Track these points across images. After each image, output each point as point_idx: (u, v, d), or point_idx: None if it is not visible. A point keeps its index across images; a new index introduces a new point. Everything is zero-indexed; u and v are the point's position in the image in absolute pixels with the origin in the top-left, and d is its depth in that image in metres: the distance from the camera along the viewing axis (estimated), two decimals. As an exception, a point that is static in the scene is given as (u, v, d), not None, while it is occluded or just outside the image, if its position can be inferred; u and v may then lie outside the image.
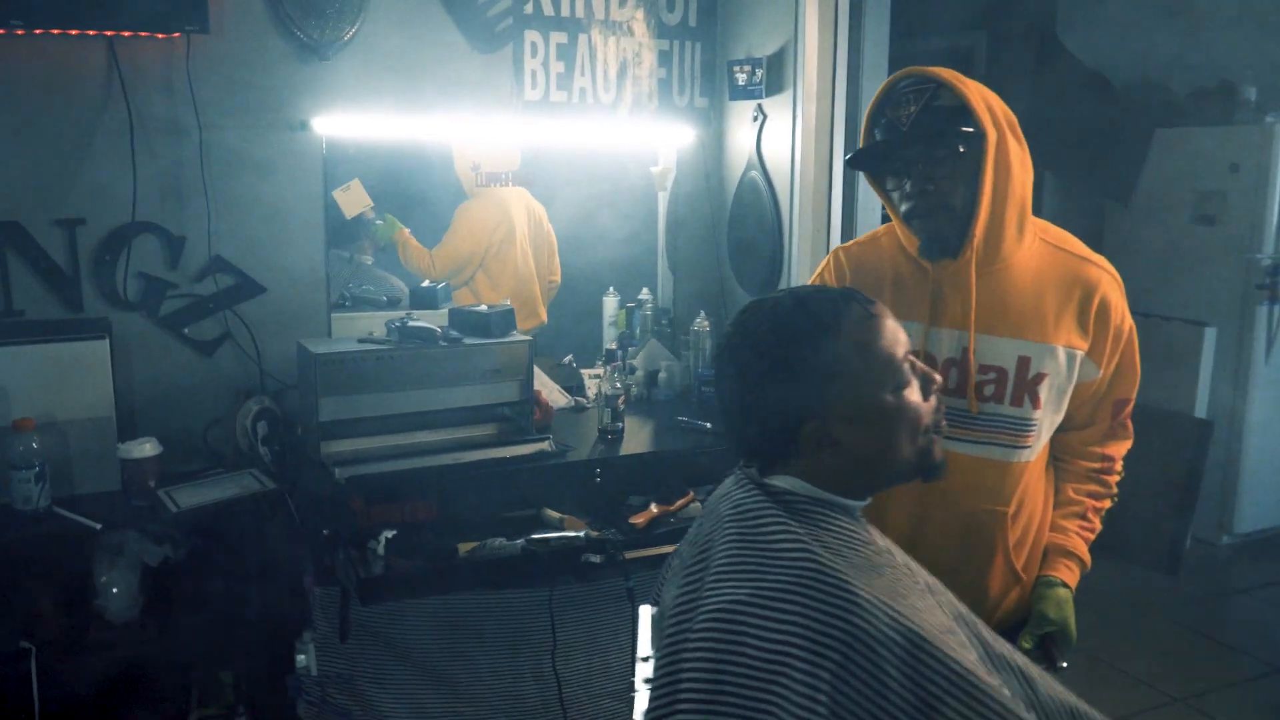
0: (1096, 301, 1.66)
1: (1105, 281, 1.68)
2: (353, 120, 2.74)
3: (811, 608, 1.11)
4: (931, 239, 1.65)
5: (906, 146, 1.61)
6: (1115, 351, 1.71)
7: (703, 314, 3.06)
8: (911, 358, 1.32)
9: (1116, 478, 1.82)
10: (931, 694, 1.08)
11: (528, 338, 2.63)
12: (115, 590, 2.44)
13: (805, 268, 2.84)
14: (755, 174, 2.99)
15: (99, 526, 2.32)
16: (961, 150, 1.58)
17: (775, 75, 2.89)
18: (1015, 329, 1.66)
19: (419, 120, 2.82)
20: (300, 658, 2.34)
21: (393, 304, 3.11)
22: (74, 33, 2.44)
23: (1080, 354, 1.67)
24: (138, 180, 2.56)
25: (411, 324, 2.51)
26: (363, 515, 2.31)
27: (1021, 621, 1.74)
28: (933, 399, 1.32)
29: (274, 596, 2.48)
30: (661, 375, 3.06)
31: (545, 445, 2.53)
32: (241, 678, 2.60)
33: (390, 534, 2.27)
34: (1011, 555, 1.73)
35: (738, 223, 3.14)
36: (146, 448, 2.45)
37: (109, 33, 2.47)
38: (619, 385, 2.68)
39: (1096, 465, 1.80)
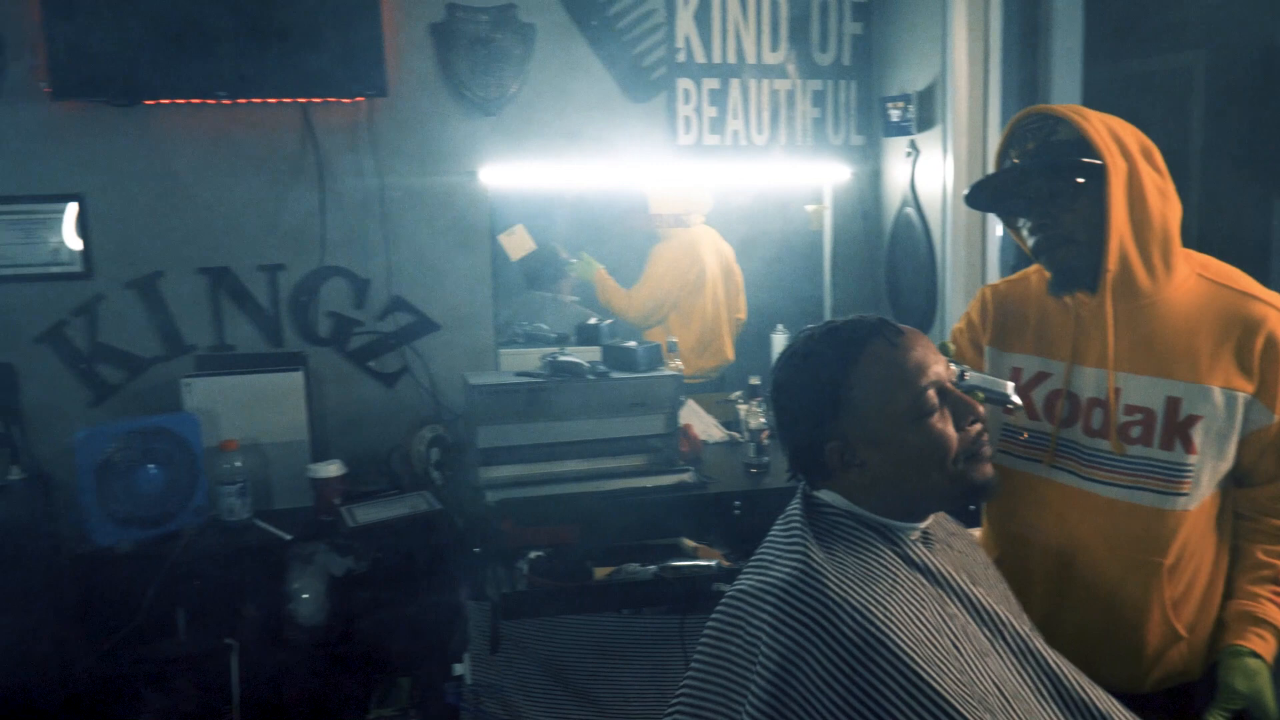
0: (1261, 339, 1.55)
1: (1273, 318, 1.56)
2: (515, 169, 2.97)
3: (787, 601, 1.25)
4: (1059, 274, 1.64)
5: (1023, 182, 1.61)
6: None
7: None
8: (948, 387, 1.37)
9: None
10: (878, 694, 1.19)
11: (672, 372, 2.76)
12: (305, 596, 2.73)
13: (958, 304, 2.83)
14: (910, 210, 3.01)
15: (290, 538, 2.62)
16: (1081, 182, 1.55)
17: (926, 110, 2.91)
18: (1163, 368, 1.59)
19: (576, 167, 3.01)
20: (457, 666, 2.54)
21: (561, 340, 3.30)
22: (273, 101, 2.78)
23: (1244, 396, 1.56)
24: (327, 229, 2.88)
25: (562, 359, 2.69)
26: (511, 536, 2.50)
27: (1184, 687, 1.66)
28: (974, 426, 1.36)
29: (442, 609, 2.71)
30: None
31: (686, 477, 2.64)
32: (416, 682, 2.84)
33: (535, 554, 2.46)
34: (1170, 611, 1.62)
35: (894, 259, 3.15)
36: (333, 468, 2.74)
37: (302, 100, 2.80)
38: (763, 420, 2.76)
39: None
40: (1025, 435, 1.74)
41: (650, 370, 2.74)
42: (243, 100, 2.77)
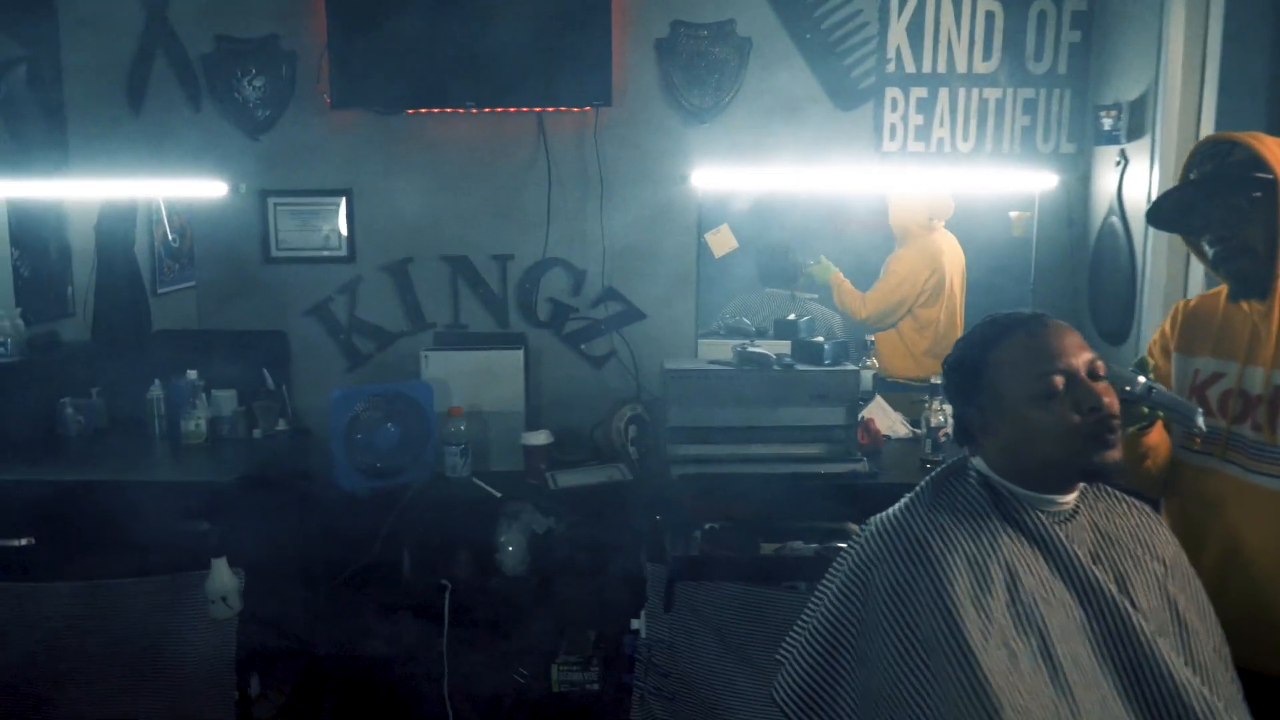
0: None
1: None
2: (724, 173, 3.17)
3: (879, 538, 1.57)
4: (1237, 282, 1.79)
5: (1201, 198, 1.78)
6: None
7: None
8: (1081, 377, 1.52)
9: None
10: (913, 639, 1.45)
11: (854, 368, 2.88)
12: (510, 549, 3.06)
13: (1156, 316, 2.77)
14: (1115, 220, 2.97)
15: (500, 495, 2.95)
16: (1257, 195, 1.70)
17: (1137, 119, 2.86)
18: None
19: (781, 172, 3.18)
20: (634, 622, 2.78)
21: (761, 334, 3.48)
22: (512, 110, 3.14)
23: None
24: (552, 224, 3.20)
25: (751, 350, 2.87)
26: (691, 508, 2.73)
27: None
28: (1095, 414, 1.49)
29: (628, 570, 2.96)
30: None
31: (859, 466, 2.77)
32: (601, 635, 3.11)
33: (710, 526, 2.67)
34: None
35: (1097, 268, 3.11)
36: (541, 437, 3.05)
37: (537, 109, 3.14)
38: (942, 418, 2.83)
39: None
40: (1199, 442, 1.85)
41: (834, 365, 2.88)
42: (487, 110, 3.14)
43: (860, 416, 3.00)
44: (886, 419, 3.13)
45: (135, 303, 3.60)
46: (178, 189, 3.30)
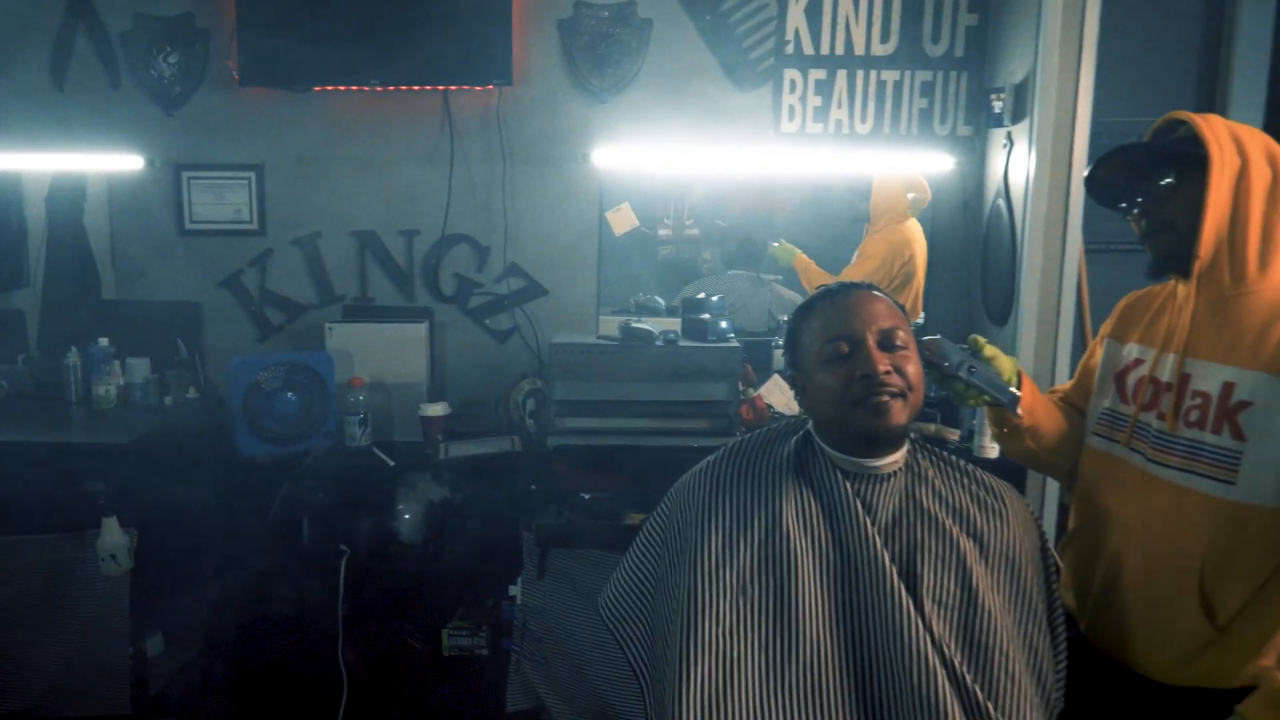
0: None
1: None
2: (624, 152, 3.22)
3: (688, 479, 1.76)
4: (1156, 259, 1.73)
5: (1134, 170, 1.71)
6: None
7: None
8: (867, 344, 1.61)
9: None
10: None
11: (735, 344, 2.93)
12: (407, 516, 3.12)
13: (1034, 300, 2.82)
14: (1001, 202, 3.00)
15: (393, 464, 3.03)
16: (1183, 174, 1.64)
17: (1021, 102, 2.90)
18: (1226, 355, 1.63)
19: (681, 151, 3.22)
20: (511, 588, 2.86)
21: (671, 312, 3.53)
22: (417, 88, 3.20)
23: None
24: (456, 201, 3.27)
25: (634, 325, 2.93)
26: (564, 478, 2.80)
27: (1207, 694, 1.62)
28: (863, 380, 1.59)
29: (513, 538, 3.03)
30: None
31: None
32: (496, 601, 3.18)
33: (584, 496, 2.74)
34: (1206, 607, 1.61)
35: (986, 249, 3.15)
36: (438, 408, 3.11)
37: (441, 87, 3.20)
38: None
39: None
40: (1129, 438, 1.77)
41: (717, 342, 2.94)
42: (392, 88, 3.21)
43: (751, 393, 3.06)
44: (783, 395, 3.18)
45: (84, 272, 3.70)
46: (98, 163, 3.37)
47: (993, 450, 2.75)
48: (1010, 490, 1.73)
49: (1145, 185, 1.69)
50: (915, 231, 3.48)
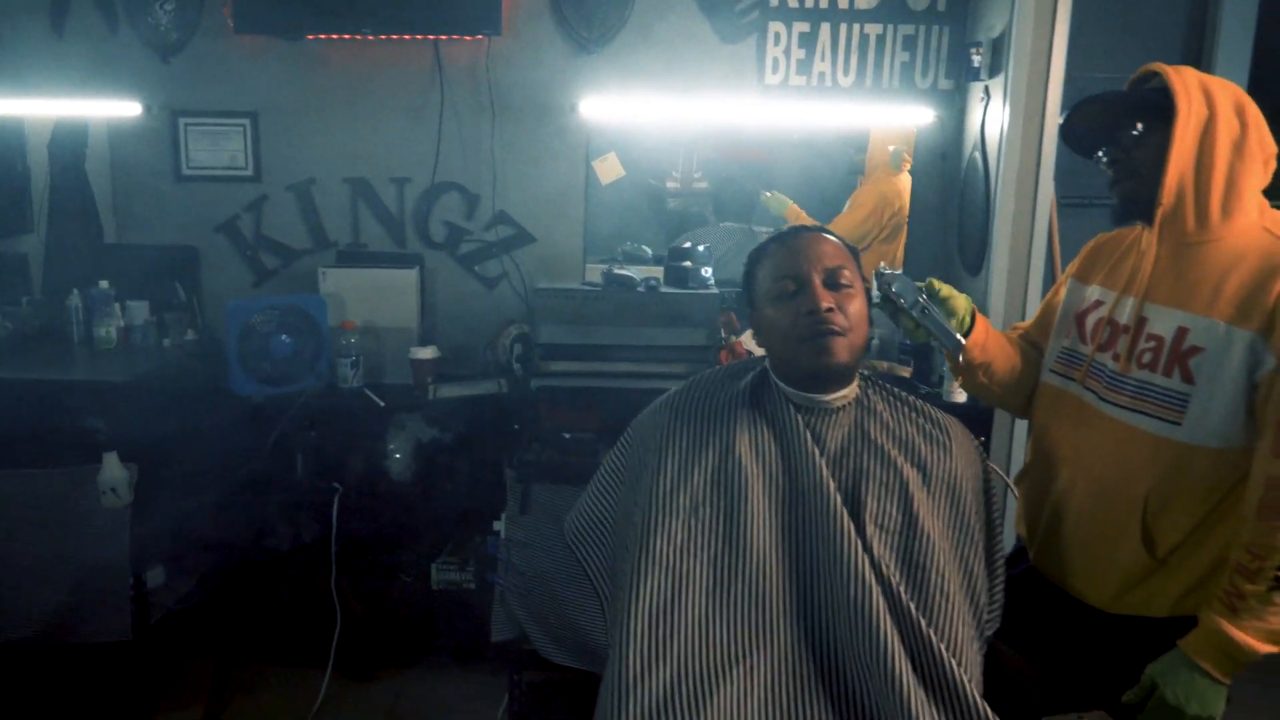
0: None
1: None
2: (612, 103, 3.28)
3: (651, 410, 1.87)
4: (1121, 204, 1.77)
5: (1105, 117, 1.76)
6: None
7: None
8: (813, 283, 1.70)
9: None
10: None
11: (715, 291, 3.02)
12: (398, 456, 3.24)
13: (1005, 251, 2.89)
14: (977, 154, 3.07)
15: (383, 404, 3.12)
16: (1150, 123, 1.68)
17: (998, 57, 2.95)
18: (1183, 301, 1.68)
19: (666, 103, 3.28)
20: (495, 523, 2.97)
21: (658, 261, 3.61)
22: (408, 37, 3.26)
23: (1247, 333, 1.58)
24: (447, 149, 3.34)
25: (617, 272, 3.02)
26: (546, 418, 2.90)
27: (1152, 620, 1.71)
28: (814, 315, 1.68)
29: (498, 476, 3.14)
30: (875, 343, 3.26)
31: (711, 383, 2.91)
32: (480, 537, 3.30)
33: (566, 435, 2.84)
34: (1146, 539, 1.69)
35: (964, 201, 3.22)
36: (427, 352, 3.21)
37: (431, 37, 3.26)
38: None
39: (1257, 498, 1.58)
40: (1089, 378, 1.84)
41: (697, 288, 3.02)
42: (384, 36, 3.27)
43: (732, 339, 3.15)
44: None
45: (86, 216, 3.78)
46: (97, 109, 3.44)
47: (960, 395, 2.85)
48: (956, 424, 1.83)
49: (1116, 134, 1.75)
50: (906, 184, 3.54)
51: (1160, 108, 1.67)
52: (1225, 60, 3.61)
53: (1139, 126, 1.70)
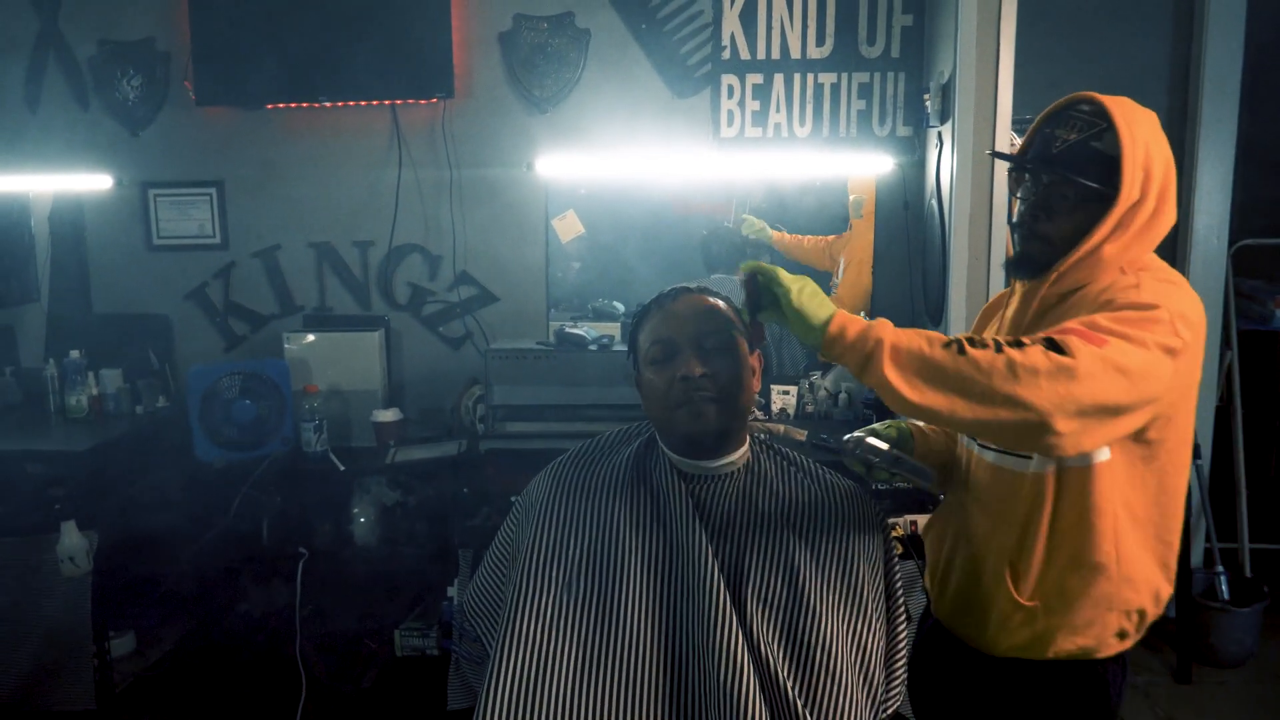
0: (1108, 289, 1.56)
1: (1120, 284, 1.55)
2: (567, 161, 3.29)
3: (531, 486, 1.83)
4: (1021, 260, 1.69)
5: (1044, 168, 1.63)
6: (1108, 304, 1.53)
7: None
8: (684, 349, 1.64)
9: (988, 356, 1.40)
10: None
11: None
12: (362, 519, 3.23)
13: (961, 298, 2.83)
14: (934, 201, 3.02)
15: (343, 468, 3.12)
16: (1086, 201, 1.59)
17: (948, 103, 2.91)
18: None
19: (623, 159, 3.28)
20: (449, 589, 2.94)
21: (628, 316, 3.58)
22: (364, 104, 3.30)
23: None
24: (406, 211, 3.38)
25: (569, 330, 3.00)
26: (494, 481, 2.87)
27: (1031, 663, 1.68)
28: (687, 381, 1.62)
29: (454, 540, 3.12)
30: (842, 396, 3.20)
31: (663, 443, 2.87)
32: (440, 602, 3.27)
33: (514, 499, 2.80)
34: (1011, 578, 1.66)
35: (925, 249, 3.16)
36: (390, 414, 3.22)
37: (388, 102, 3.29)
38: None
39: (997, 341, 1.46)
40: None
41: (651, 345, 2.99)
42: (341, 103, 3.32)
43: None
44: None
45: (83, 286, 3.87)
46: (71, 183, 3.52)
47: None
48: (852, 491, 1.76)
49: (1045, 187, 1.63)
50: (864, 226, 3.46)
51: (1097, 194, 1.56)
52: (1212, 100, 3.54)
53: (1077, 194, 1.59)
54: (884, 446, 1.75)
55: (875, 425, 1.86)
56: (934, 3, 3.12)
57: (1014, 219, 1.68)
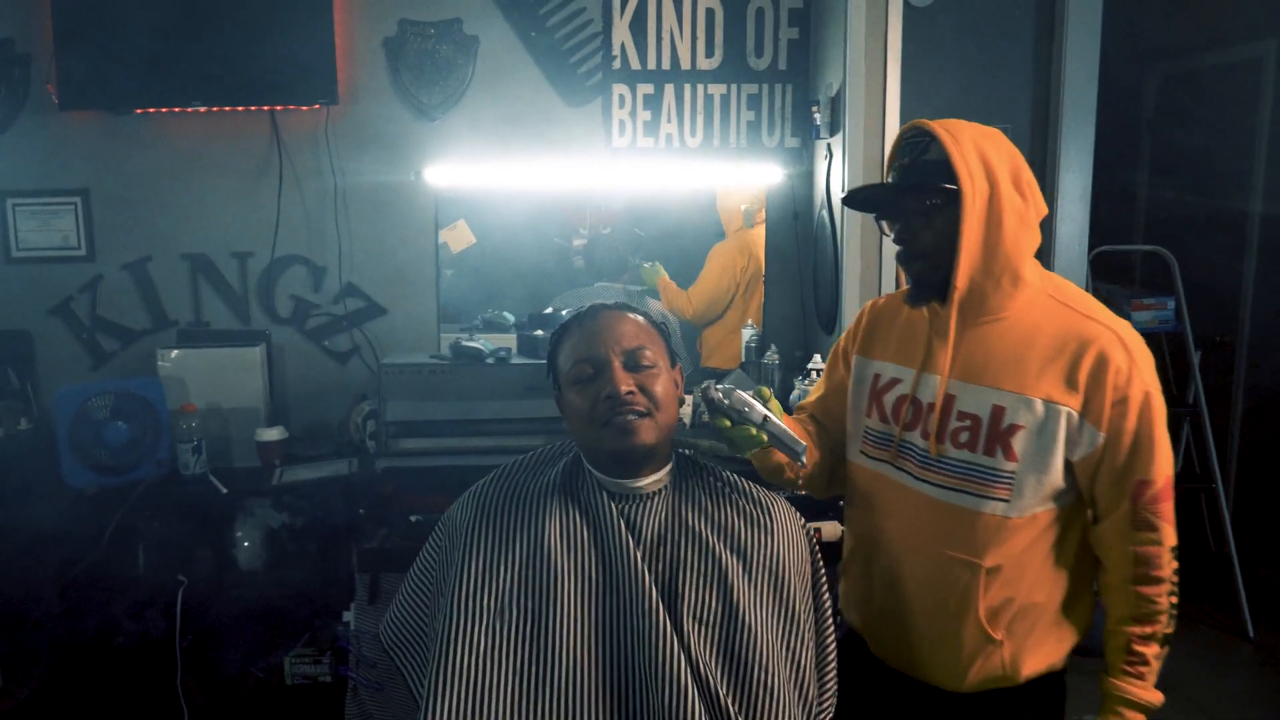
0: (1091, 357, 1.59)
1: (1105, 338, 1.60)
2: (459, 170, 3.23)
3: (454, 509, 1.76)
4: (914, 285, 1.73)
5: (891, 196, 1.70)
6: (1121, 418, 1.59)
7: (773, 348, 3.18)
8: (613, 366, 1.62)
9: (1167, 589, 1.62)
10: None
11: (566, 360, 2.95)
12: (246, 544, 3.10)
13: (854, 307, 2.89)
14: (824, 212, 3.08)
15: (225, 491, 2.99)
16: (936, 203, 1.63)
17: (837, 115, 2.97)
18: (994, 379, 1.66)
19: (515, 168, 3.24)
20: (345, 614, 2.84)
21: (519, 328, 3.54)
22: (241, 109, 3.17)
23: (1066, 411, 1.60)
24: (290, 221, 3.25)
25: (465, 344, 2.94)
26: (393, 501, 2.79)
27: (1006, 691, 1.71)
28: (612, 400, 1.60)
29: (349, 562, 3.02)
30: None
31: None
32: (335, 627, 3.17)
33: (415, 518, 2.73)
34: (983, 615, 1.67)
35: (815, 259, 3.23)
36: (274, 433, 3.10)
37: (266, 108, 3.17)
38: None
39: (1131, 573, 1.63)
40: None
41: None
42: (216, 109, 3.17)
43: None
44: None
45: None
46: (-83, 191, 3.28)
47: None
48: (779, 502, 1.77)
49: (900, 212, 1.68)
50: (759, 236, 3.52)
51: (941, 191, 1.62)
52: (1071, 106, 3.70)
53: (922, 213, 1.64)
54: (757, 405, 1.76)
55: (768, 391, 1.84)
56: (819, 16, 3.19)
57: (896, 257, 1.74)
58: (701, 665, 1.53)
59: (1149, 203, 4.93)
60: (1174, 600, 1.63)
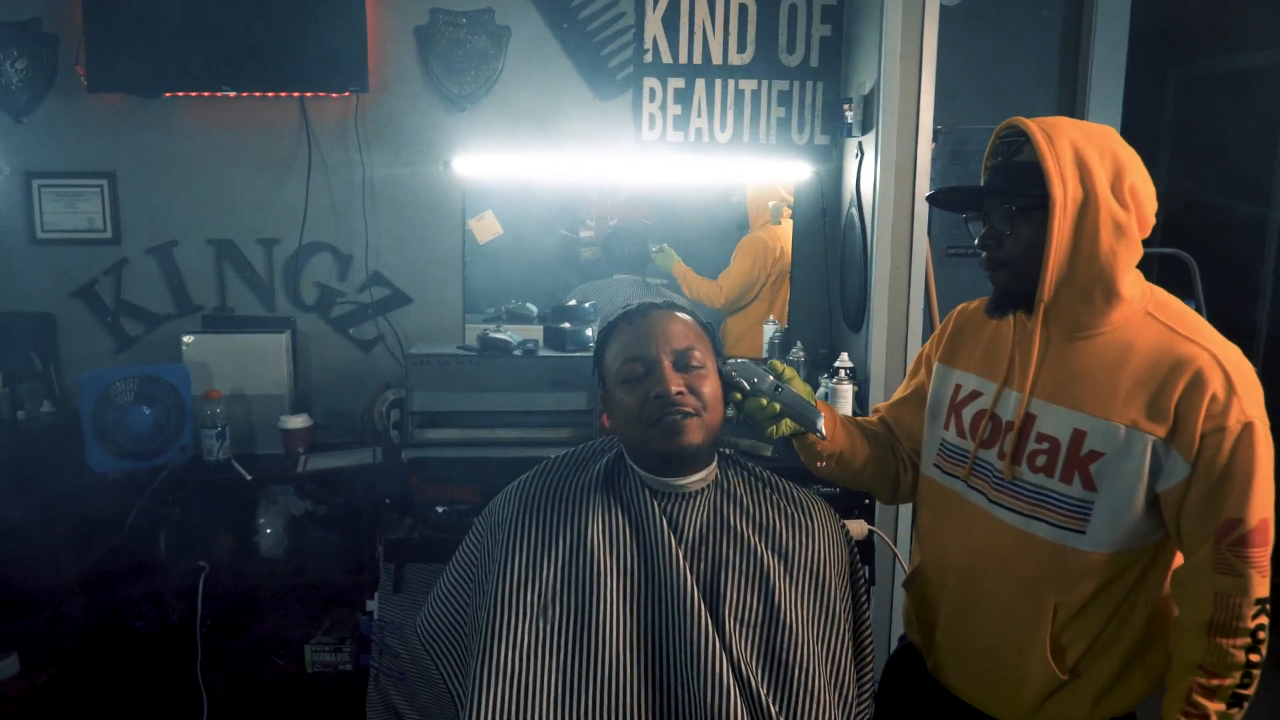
0: (1184, 381, 1.47)
1: (1203, 361, 1.47)
2: (487, 160, 3.22)
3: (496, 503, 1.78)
4: (996, 295, 1.65)
5: (981, 199, 1.62)
6: (1213, 448, 1.45)
7: (799, 344, 3.17)
8: (662, 365, 1.63)
9: (1246, 644, 1.47)
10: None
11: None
12: (269, 531, 3.11)
13: (883, 307, 2.88)
14: (854, 211, 3.06)
15: (250, 478, 2.98)
16: (1024, 209, 1.54)
17: (869, 113, 2.95)
18: (1076, 401, 1.55)
19: (544, 160, 3.23)
20: (369, 603, 2.85)
21: (542, 319, 3.53)
22: (271, 95, 3.15)
23: (1152, 439, 1.48)
24: (317, 208, 3.24)
25: (493, 335, 2.93)
26: (418, 490, 2.79)
27: None
28: (662, 399, 1.61)
29: (373, 552, 3.02)
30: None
31: (589, 449, 2.84)
32: (356, 616, 3.17)
33: (441, 509, 2.73)
34: (1050, 652, 1.59)
35: (843, 257, 3.22)
36: (299, 420, 3.09)
37: (296, 94, 3.16)
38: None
39: (1206, 616, 1.48)
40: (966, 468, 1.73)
41: (575, 351, 2.95)
42: (246, 94, 3.16)
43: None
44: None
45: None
46: (-57, 170, 3.27)
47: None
48: (819, 504, 1.77)
49: (987, 212, 1.61)
50: (786, 231, 3.52)
51: (1031, 196, 1.52)
52: (1097, 105, 3.69)
53: (1009, 219, 1.56)
54: (767, 377, 1.75)
55: (784, 367, 1.81)
56: (852, 14, 3.17)
57: (982, 263, 1.64)
58: (743, 665, 1.54)
59: (1168, 205, 4.91)
60: (1255, 659, 1.47)
